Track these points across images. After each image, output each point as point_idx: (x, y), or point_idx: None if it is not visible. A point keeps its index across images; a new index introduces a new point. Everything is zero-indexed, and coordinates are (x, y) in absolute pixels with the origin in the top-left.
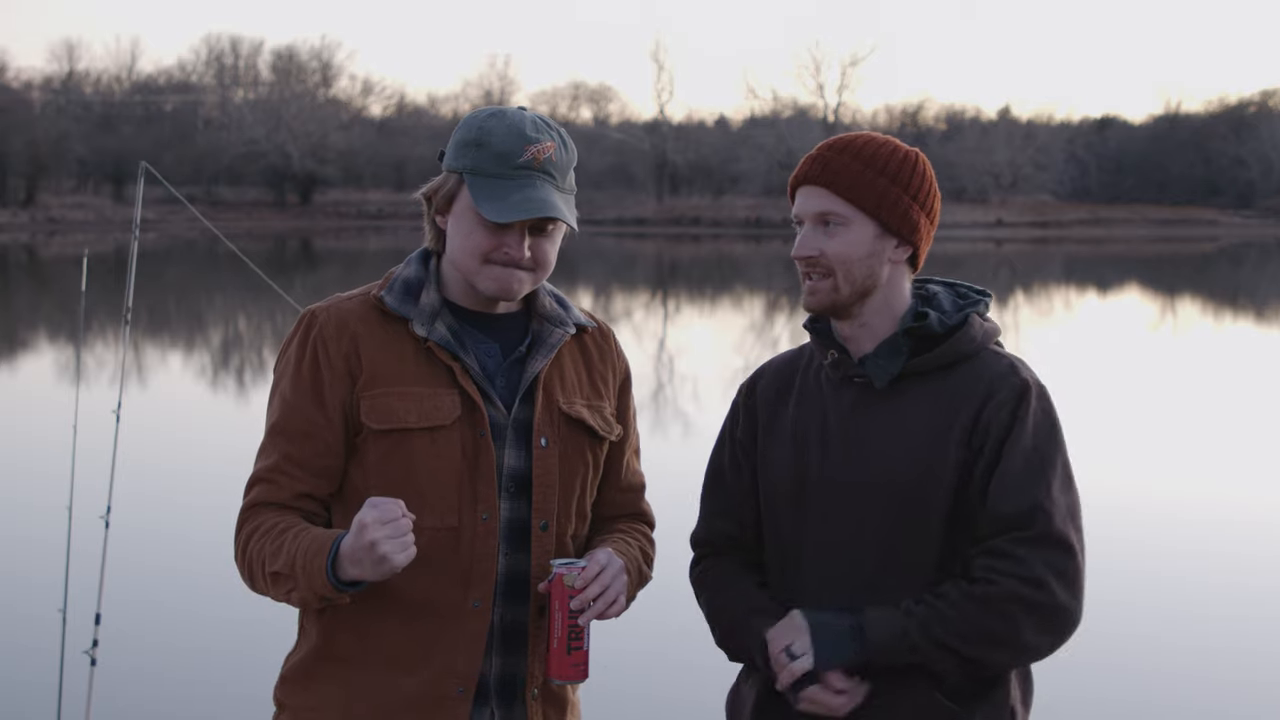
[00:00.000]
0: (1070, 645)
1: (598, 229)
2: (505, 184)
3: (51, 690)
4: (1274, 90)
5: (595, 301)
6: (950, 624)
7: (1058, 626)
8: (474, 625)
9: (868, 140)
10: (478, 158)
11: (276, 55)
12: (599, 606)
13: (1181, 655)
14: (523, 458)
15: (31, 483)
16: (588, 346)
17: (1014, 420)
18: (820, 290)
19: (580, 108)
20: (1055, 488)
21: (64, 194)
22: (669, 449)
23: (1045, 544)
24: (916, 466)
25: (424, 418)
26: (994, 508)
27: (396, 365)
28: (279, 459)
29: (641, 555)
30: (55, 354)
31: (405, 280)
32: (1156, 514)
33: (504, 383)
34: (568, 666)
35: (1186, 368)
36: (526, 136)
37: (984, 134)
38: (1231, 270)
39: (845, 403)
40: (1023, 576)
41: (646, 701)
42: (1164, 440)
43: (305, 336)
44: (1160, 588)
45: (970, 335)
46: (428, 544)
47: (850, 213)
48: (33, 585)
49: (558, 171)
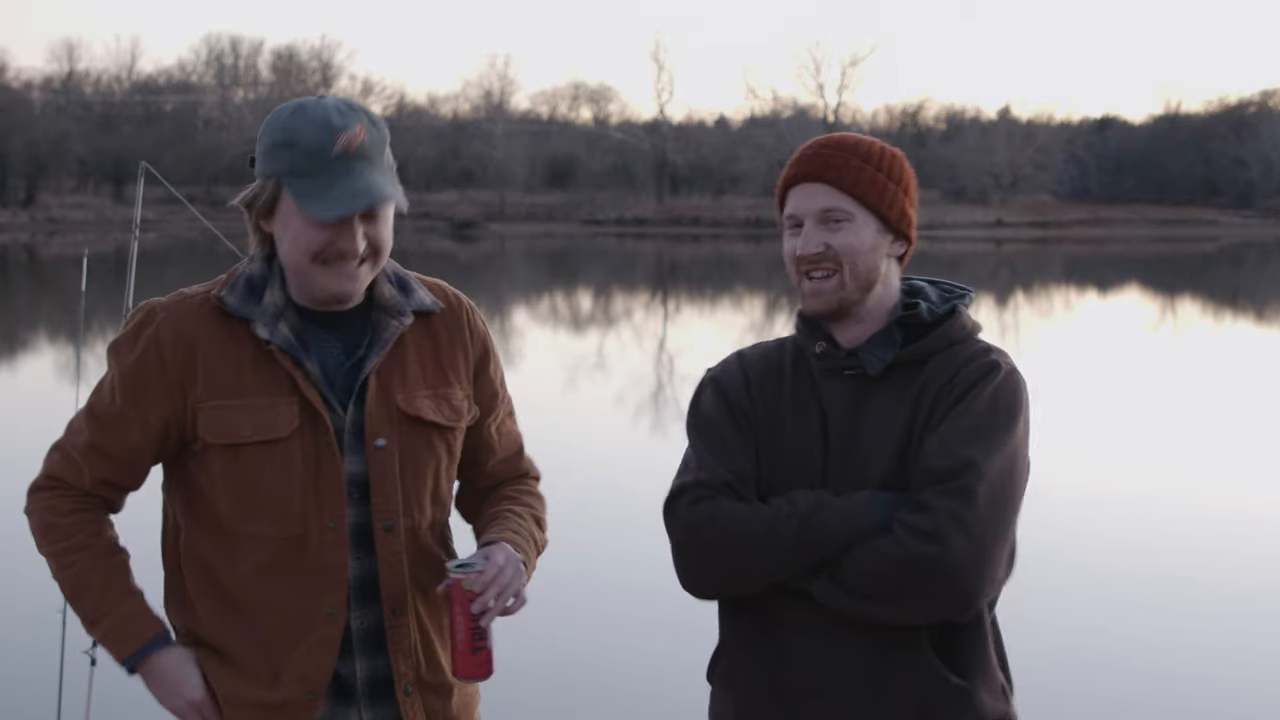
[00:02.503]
0: (1064, 642)
1: (598, 229)
2: (325, 179)
3: (51, 690)
4: (1274, 90)
5: (595, 301)
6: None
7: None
8: (326, 631)
9: (857, 139)
10: (291, 159)
11: (276, 55)
12: (499, 606)
13: (1177, 654)
14: (360, 461)
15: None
16: (435, 329)
17: (969, 389)
18: (825, 290)
19: (580, 108)
20: (996, 455)
21: (64, 194)
22: (669, 449)
23: (955, 495)
24: (897, 447)
25: (259, 430)
26: (926, 461)
27: (234, 374)
28: (87, 445)
29: (534, 523)
30: (55, 354)
31: (249, 278)
32: (1154, 512)
33: (343, 384)
34: (474, 666)
35: (1186, 368)
36: (333, 126)
37: (984, 134)
38: (1231, 270)
39: (837, 393)
40: (913, 526)
41: (640, 698)
42: (1163, 440)
43: (138, 332)
44: (1160, 586)
45: (960, 323)
46: (274, 554)
47: (854, 208)
48: (33, 584)
49: (374, 152)
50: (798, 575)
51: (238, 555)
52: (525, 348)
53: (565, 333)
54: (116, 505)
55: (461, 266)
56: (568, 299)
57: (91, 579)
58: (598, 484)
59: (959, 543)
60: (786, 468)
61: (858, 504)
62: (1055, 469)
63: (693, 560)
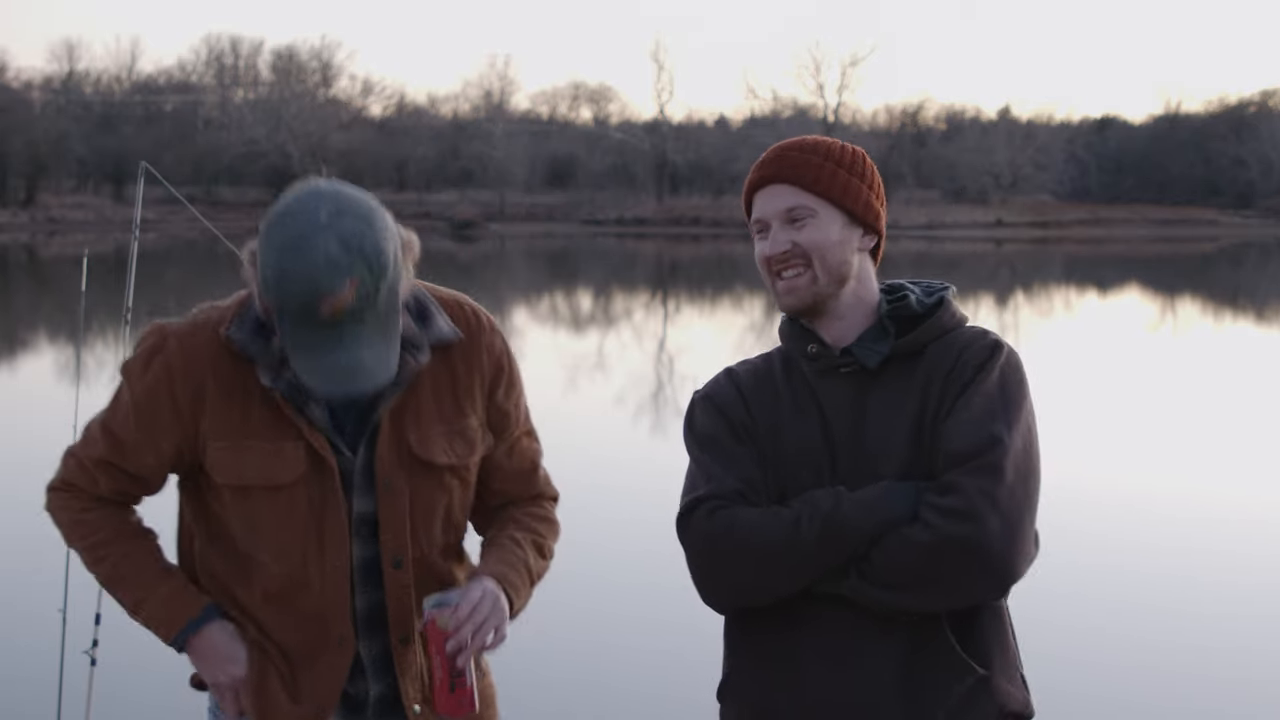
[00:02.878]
0: (1067, 642)
1: (598, 229)
2: (313, 341)
3: (51, 690)
4: (1274, 90)
5: (595, 301)
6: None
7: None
8: (336, 659)
9: (817, 139)
10: (280, 302)
11: (276, 55)
12: (475, 645)
13: (1177, 653)
14: (370, 501)
15: (31, 483)
16: (453, 361)
17: (978, 371)
18: (799, 286)
19: (580, 108)
20: (1015, 431)
21: (64, 194)
22: (669, 449)
23: (983, 472)
24: (910, 438)
25: (265, 476)
26: (949, 444)
27: (240, 416)
28: (100, 459)
29: (534, 550)
30: (55, 354)
31: (257, 318)
32: (1153, 512)
33: (354, 424)
34: (453, 705)
35: (1186, 368)
36: (320, 288)
37: (984, 134)
38: (1231, 270)
39: (836, 393)
40: (942, 507)
41: (642, 698)
42: (1163, 440)
43: (149, 358)
44: (1158, 585)
45: (950, 312)
46: (281, 589)
47: (817, 204)
48: (33, 585)
49: (365, 307)
50: (823, 578)
51: (250, 578)
52: (525, 348)
53: (565, 333)
54: (132, 504)
55: (461, 267)
56: (568, 299)
57: (126, 566)
58: (597, 484)
59: (993, 520)
60: (794, 473)
61: (879, 495)
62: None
63: (713, 573)
